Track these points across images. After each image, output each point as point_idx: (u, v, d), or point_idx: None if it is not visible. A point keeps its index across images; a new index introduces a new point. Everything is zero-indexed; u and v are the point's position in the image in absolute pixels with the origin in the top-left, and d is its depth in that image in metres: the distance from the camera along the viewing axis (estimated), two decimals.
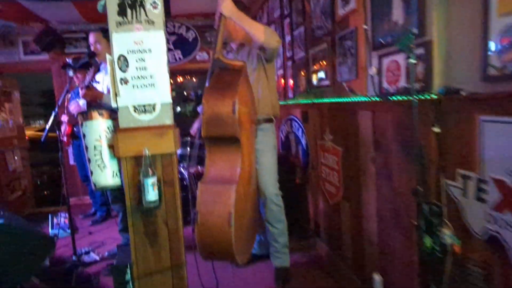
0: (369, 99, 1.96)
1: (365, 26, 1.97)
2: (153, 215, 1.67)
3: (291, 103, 3.40)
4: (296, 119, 3.23)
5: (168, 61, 1.68)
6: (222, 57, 2.10)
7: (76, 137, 4.01)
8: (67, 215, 3.98)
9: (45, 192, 6.34)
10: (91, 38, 2.88)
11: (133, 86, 1.63)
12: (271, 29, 2.29)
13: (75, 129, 3.97)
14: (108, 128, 1.67)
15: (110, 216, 4.21)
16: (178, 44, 4.81)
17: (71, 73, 2.73)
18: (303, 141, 3.09)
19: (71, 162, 4.89)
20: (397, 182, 1.80)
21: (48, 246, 2.37)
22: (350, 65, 2.16)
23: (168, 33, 4.81)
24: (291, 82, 3.38)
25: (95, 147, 1.63)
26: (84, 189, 4.90)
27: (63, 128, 3.96)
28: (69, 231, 3.70)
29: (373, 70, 1.91)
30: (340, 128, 2.41)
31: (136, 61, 1.63)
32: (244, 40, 2.56)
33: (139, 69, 1.63)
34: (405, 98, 1.64)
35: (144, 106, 1.64)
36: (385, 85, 1.82)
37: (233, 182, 1.92)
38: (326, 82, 2.54)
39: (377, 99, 1.88)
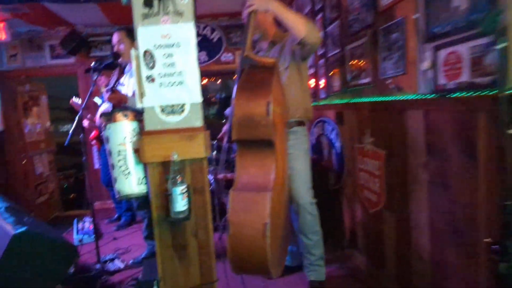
0: (421, 97, 1.73)
1: (416, 15, 1.75)
2: (182, 227, 1.51)
3: (323, 104, 3.19)
4: (329, 120, 3.02)
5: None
6: (252, 54, 1.93)
7: (102, 140, 3.95)
8: (90, 219, 3.93)
9: (72, 195, 6.37)
10: (114, 37, 2.78)
11: (160, 85, 1.48)
12: (312, 22, 2.11)
13: (101, 134, 3.90)
14: (133, 130, 1.52)
15: (134, 221, 4.11)
16: (203, 45, 4.70)
17: (95, 76, 2.64)
18: (337, 144, 2.87)
19: (96, 166, 4.85)
20: (457, 192, 1.57)
21: (72, 254, 2.25)
22: (397, 60, 1.94)
23: None
24: (323, 81, 3.18)
25: (119, 152, 1.49)
26: (107, 192, 4.84)
27: (90, 131, 3.92)
28: (93, 236, 3.63)
29: (426, 64, 1.68)
30: (383, 130, 2.18)
31: (163, 56, 1.48)
32: (275, 37, 2.38)
33: (167, 65, 1.48)
34: (470, 94, 1.41)
35: (172, 106, 1.49)
36: (442, 80, 1.59)
37: (268, 189, 1.74)
38: (366, 80, 2.33)
39: (432, 96, 1.65)
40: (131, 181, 1.50)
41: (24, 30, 4.53)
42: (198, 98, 1.50)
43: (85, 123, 3.90)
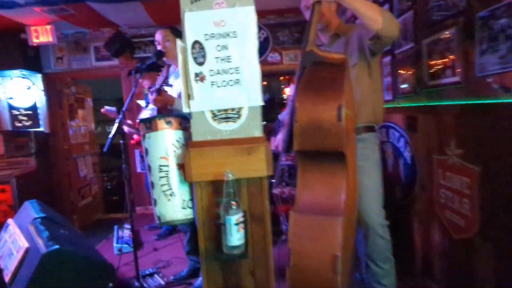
0: None
1: None
2: (237, 264, 1.19)
3: (387, 107, 2.76)
4: (395, 126, 2.59)
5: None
6: (317, 49, 1.58)
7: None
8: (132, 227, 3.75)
9: (114, 198, 6.34)
10: (158, 35, 2.54)
11: (211, 84, 1.17)
12: (388, 11, 1.73)
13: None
14: (177, 141, 1.23)
15: (176, 231, 3.89)
16: None
17: (138, 76, 2.41)
18: (407, 154, 2.44)
19: (138, 170, 4.71)
20: None
21: (108, 275, 2.02)
22: (505, 53, 1.50)
23: None
24: (388, 81, 2.76)
25: (160, 167, 1.20)
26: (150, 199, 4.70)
27: (131, 136, 3.75)
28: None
29: None
30: (477, 140, 1.74)
31: (216, 49, 1.17)
32: (338, 29, 2.02)
33: (220, 60, 1.17)
34: None
35: (225, 111, 1.17)
36: None
37: (338, 213, 1.38)
38: (453, 79, 1.89)
39: None
40: (175, 204, 1.20)
41: (70, 32, 4.48)
42: (258, 100, 1.18)
43: (125, 129, 3.75)
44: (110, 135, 2.32)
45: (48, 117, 4.62)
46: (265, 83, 6.59)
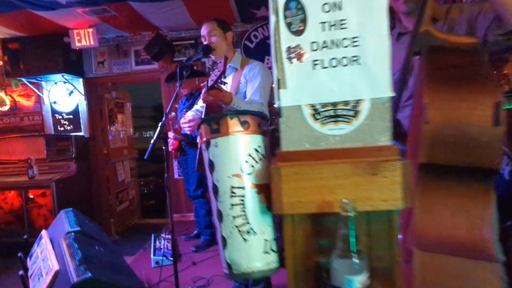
0: None
1: None
2: None
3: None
4: None
5: None
6: (434, 30, 1.10)
7: (183, 151, 3.39)
8: (169, 236, 3.38)
9: (151, 202, 6.05)
10: (204, 28, 2.12)
11: (313, 64, 0.72)
12: None
13: (182, 143, 3.35)
14: (256, 150, 0.79)
15: (215, 241, 3.47)
16: None
17: (183, 73, 2.01)
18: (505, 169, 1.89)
19: (176, 175, 4.35)
20: None
21: None
22: None
23: None
24: None
25: (232, 191, 0.75)
26: (189, 204, 4.30)
27: (170, 142, 3.40)
28: (172, 259, 3.06)
29: None
30: None
31: (323, 9, 0.72)
32: (435, 12, 1.53)
33: (329, 26, 0.71)
34: None
35: (335, 106, 0.71)
36: None
37: (489, 254, 0.90)
38: None
39: None
40: (253, 247, 0.75)
41: (111, 36, 4.21)
42: (386, 89, 0.72)
43: (170, 135, 3.40)
44: (152, 141, 1.92)
45: (89, 121, 4.36)
46: None
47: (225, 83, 1.72)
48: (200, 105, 2.36)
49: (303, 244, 0.73)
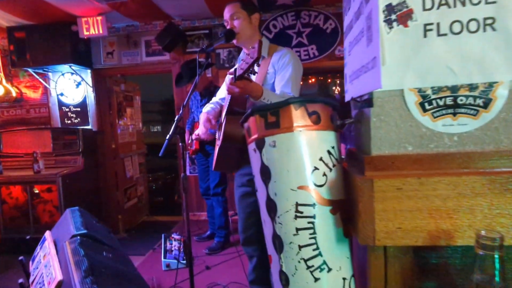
0: None
1: None
2: None
3: None
4: None
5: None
6: None
7: (205, 151, 3.19)
8: (180, 237, 3.19)
9: (159, 199, 5.88)
10: (226, 11, 1.89)
11: (425, 30, 0.50)
12: None
13: (206, 147, 3.15)
14: (329, 153, 0.57)
15: (229, 243, 3.28)
16: (314, 37, 3.72)
17: (202, 61, 1.80)
18: None
19: (187, 172, 4.15)
20: None
21: None
22: None
23: (302, 25, 3.77)
24: None
25: (297, 208, 0.54)
26: (200, 203, 4.11)
27: (188, 142, 3.20)
28: (184, 262, 2.87)
29: None
30: None
31: None
32: None
33: None
34: None
35: (453, 91, 0.50)
36: None
37: None
38: None
39: None
40: (327, 284, 0.54)
41: (121, 25, 4.00)
42: None
43: (188, 137, 3.22)
44: (168, 136, 1.72)
45: (97, 114, 4.17)
46: (313, 79, 5.51)
47: (255, 73, 1.49)
48: (220, 96, 2.14)
49: (400, 287, 0.51)
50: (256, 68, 1.70)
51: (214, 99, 2.21)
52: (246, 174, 1.93)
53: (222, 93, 2.14)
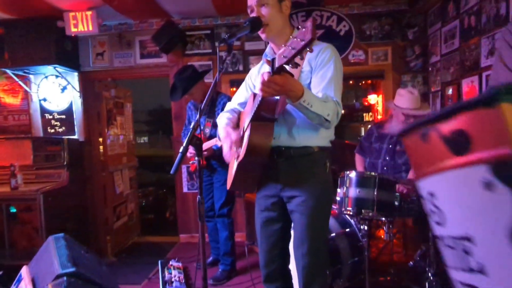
0: None
1: None
2: None
3: None
4: None
5: None
6: None
7: (212, 168, 2.85)
8: (180, 264, 2.82)
9: (150, 216, 5.46)
10: None
11: None
12: None
13: (212, 162, 2.81)
14: None
15: (235, 272, 2.91)
16: (326, 40, 3.44)
17: (222, 55, 1.49)
18: None
19: (184, 189, 3.79)
20: None
21: None
22: None
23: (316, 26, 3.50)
24: None
25: None
26: (198, 224, 3.74)
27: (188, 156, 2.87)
28: None
29: None
30: None
31: None
32: None
33: None
34: None
35: None
36: None
37: None
38: None
39: None
40: None
41: (113, 23, 3.67)
42: None
43: (189, 153, 2.89)
44: (181, 149, 1.38)
45: (84, 123, 3.79)
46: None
47: (297, 65, 1.18)
48: (238, 101, 1.82)
49: None
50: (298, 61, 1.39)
51: (229, 105, 1.89)
52: (270, 195, 1.60)
53: (241, 96, 1.83)
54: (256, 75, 1.74)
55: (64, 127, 3.79)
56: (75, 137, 3.77)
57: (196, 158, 1.44)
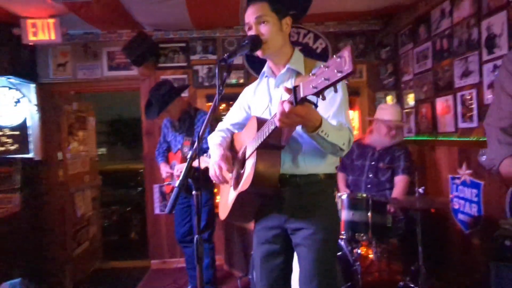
0: None
1: None
2: None
3: None
4: None
5: None
6: None
7: (191, 189, 2.64)
8: None
9: (114, 238, 5.04)
10: (250, 12, 1.46)
11: None
12: None
13: (189, 181, 2.61)
14: None
15: None
16: None
17: (224, 75, 1.35)
18: None
19: (156, 211, 3.52)
20: None
21: None
22: None
23: (292, 43, 3.46)
24: None
25: None
26: (173, 246, 3.48)
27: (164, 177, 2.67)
28: None
29: None
30: None
31: None
32: None
33: None
34: None
35: None
36: None
37: None
38: None
39: None
40: None
41: (78, 32, 3.37)
42: None
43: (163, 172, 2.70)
44: (178, 183, 1.22)
45: (41, 140, 3.40)
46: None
47: (324, 98, 1.05)
48: (231, 121, 1.69)
49: None
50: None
51: (221, 125, 1.76)
52: (272, 227, 1.48)
53: (234, 117, 1.70)
54: (252, 95, 1.64)
55: (18, 144, 3.37)
56: (30, 155, 3.36)
57: (194, 192, 1.28)
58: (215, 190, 2.83)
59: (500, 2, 2.31)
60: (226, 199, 1.58)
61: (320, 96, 0.99)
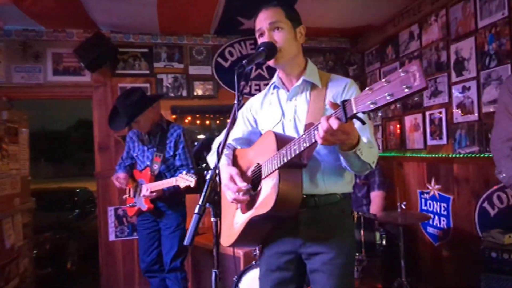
0: None
1: None
2: None
3: None
4: None
5: None
6: None
7: (160, 212, 2.37)
8: None
9: (47, 270, 4.35)
10: (263, 18, 1.32)
11: None
12: None
13: (159, 205, 2.35)
14: None
15: None
16: (275, 70, 3.35)
17: (241, 83, 1.18)
18: None
19: (111, 237, 3.10)
20: None
21: None
22: None
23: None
24: None
25: None
26: (130, 277, 3.07)
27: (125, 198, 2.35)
28: None
29: None
30: None
31: None
32: None
33: None
34: None
35: None
36: None
37: None
38: None
39: None
40: None
41: (16, 28, 2.88)
42: None
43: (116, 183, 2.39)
44: (197, 209, 1.01)
45: None
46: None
47: (377, 114, 0.95)
48: (234, 136, 1.51)
49: None
50: (300, 100, 1.17)
51: (218, 139, 1.58)
52: (284, 252, 1.36)
53: (238, 131, 1.54)
54: (259, 108, 1.50)
55: None
56: None
57: (213, 219, 1.08)
58: None
59: (469, 29, 2.48)
60: (230, 223, 1.41)
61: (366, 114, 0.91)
